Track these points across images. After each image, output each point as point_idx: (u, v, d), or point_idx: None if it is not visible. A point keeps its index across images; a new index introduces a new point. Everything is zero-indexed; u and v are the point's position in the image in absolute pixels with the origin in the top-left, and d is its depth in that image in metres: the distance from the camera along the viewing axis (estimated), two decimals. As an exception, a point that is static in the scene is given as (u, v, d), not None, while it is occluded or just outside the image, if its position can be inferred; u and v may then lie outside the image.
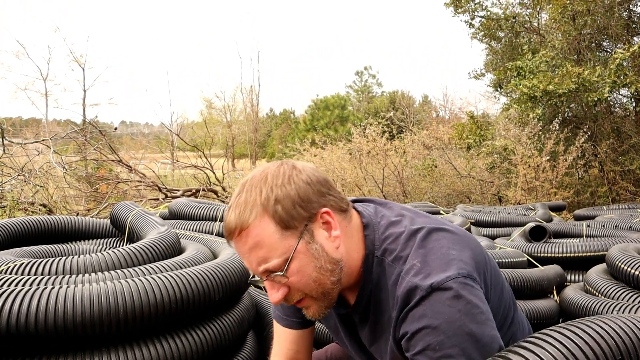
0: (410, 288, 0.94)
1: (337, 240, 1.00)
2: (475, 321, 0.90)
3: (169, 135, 18.53)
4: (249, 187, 0.97)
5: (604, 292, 2.32)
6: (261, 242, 0.94)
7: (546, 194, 8.49)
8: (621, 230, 4.12)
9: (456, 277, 0.92)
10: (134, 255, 2.09)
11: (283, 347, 1.26)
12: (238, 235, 0.96)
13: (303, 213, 0.96)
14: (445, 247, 0.98)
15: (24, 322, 1.47)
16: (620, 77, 8.23)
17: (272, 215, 0.94)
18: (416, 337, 0.92)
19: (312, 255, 0.97)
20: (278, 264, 0.95)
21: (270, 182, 0.96)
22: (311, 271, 0.97)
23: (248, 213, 0.94)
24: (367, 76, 35.82)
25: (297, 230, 0.96)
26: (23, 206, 6.05)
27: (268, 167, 1.00)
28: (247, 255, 0.97)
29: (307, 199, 0.96)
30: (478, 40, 12.55)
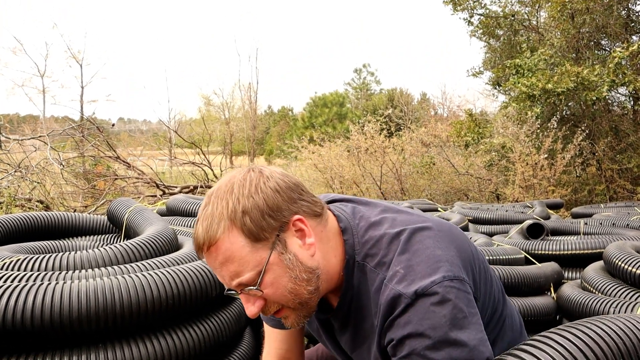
0: (395, 296, 0.91)
1: (312, 247, 0.96)
2: (461, 326, 0.88)
3: (167, 132, 18.50)
4: (215, 199, 0.92)
5: (602, 289, 2.32)
6: (231, 256, 0.91)
7: (544, 192, 8.51)
8: (618, 228, 4.13)
9: (441, 282, 0.90)
10: (131, 251, 2.09)
11: (273, 347, 1.25)
12: (207, 251, 0.92)
13: (273, 223, 0.92)
14: (430, 248, 0.95)
15: (20, 318, 1.46)
16: (618, 76, 8.24)
17: (241, 228, 0.90)
18: (402, 344, 0.90)
19: (285, 266, 0.93)
20: (251, 277, 0.92)
21: (237, 193, 0.91)
22: (286, 282, 0.94)
23: (215, 227, 0.90)
24: (365, 74, 35.82)
25: (268, 242, 0.92)
26: (20, 202, 6.04)
27: (234, 176, 0.95)
28: (219, 270, 0.93)
29: (277, 207, 0.92)
30: (477, 38, 12.55)
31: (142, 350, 1.62)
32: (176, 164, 10.63)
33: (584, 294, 2.39)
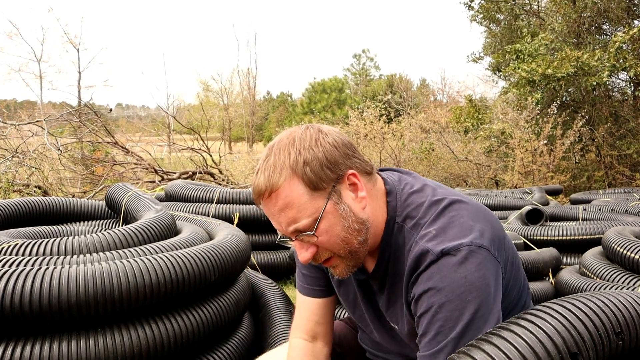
0: (422, 252, 0.97)
1: (364, 201, 1.02)
2: (479, 291, 0.91)
3: (165, 118, 18.41)
4: (277, 151, 0.98)
5: (600, 274, 2.33)
6: (291, 203, 0.97)
7: (543, 178, 8.51)
8: (617, 214, 4.14)
9: (469, 245, 0.94)
10: (129, 236, 2.08)
11: (304, 318, 1.28)
12: (268, 197, 0.98)
13: (330, 174, 0.98)
14: (464, 218, 0.99)
15: (18, 303, 1.46)
16: (619, 61, 8.18)
17: (301, 177, 0.96)
18: (422, 299, 0.95)
19: (340, 215, 0.99)
20: (307, 223, 0.98)
21: (298, 145, 0.98)
22: (339, 231, 1.00)
23: (277, 175, 0.96)
24: (365, 59, 35.58)
25: (325, 191, 0.98)
26: (18, 188, 6.02)
27: (295, 131, 1.02)
28: (277, 216, 0.99)
29: (334, 160, 0.99)
30: (477, 23, 12.44)
31: (140, 335, 1.62)
32: (175, 150, 10.59)
33: (582, 279, 2.40)
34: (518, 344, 0.75)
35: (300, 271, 1.28)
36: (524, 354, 0.73)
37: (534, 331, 0.76)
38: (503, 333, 0.77)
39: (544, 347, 0.74)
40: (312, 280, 1.26)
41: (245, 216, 3.44)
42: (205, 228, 2.65)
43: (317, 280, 1.25)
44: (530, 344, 0.74)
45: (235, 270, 2.10)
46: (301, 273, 1.28)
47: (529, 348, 0.74)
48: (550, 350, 0.74)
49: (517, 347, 0.74)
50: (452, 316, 0.91)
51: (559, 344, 0.74)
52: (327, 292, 1.27)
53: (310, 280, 1.26)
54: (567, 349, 0.74)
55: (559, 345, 0.74)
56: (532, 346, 0.74)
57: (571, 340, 0.75)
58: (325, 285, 1.26)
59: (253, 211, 3.48)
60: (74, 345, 1.52)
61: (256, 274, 2.94)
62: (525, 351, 0.73)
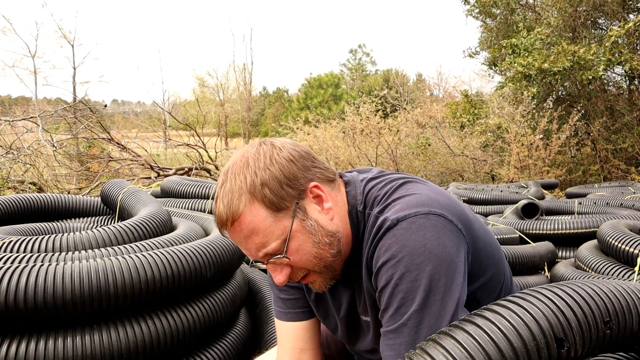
0: (380, 222, 0.94)
1: (331, 212, 0.98)
2: (439, 259, 0.87)
3: (161, 114, 18.35)
4: (231, 175, 0.94)
5: (595, 267, 2.34)
6: (255, 228, 0.93)
7: (539, 172, 8.53)
8: (612, 208, 4.15)
9: (426, 213, 0.91)
10: (124, 232, 2.07)
11: (288, 347, 1.19)
12: (232, 226, 0.94)
13: (292, 192, 0.94)
14: (424, 192, 0.97)
15: (13, 300, 1.46)
16: (615, 55, 8.19)
17: (262, 200, 0.92)
18: (381, 271, 0.92)
19: (308, 232, 0.96)
20: (276, 246, 0.94)
21: (253, 166, 0.94)
22: (310, 247, 0.96)
23: (237, 202, 0.92)
24: (361, 54, 35.52)
25: (289, 210, 0.94)
26: (12, 184, 5.99)
27: (247, 151, 0.97)
28: (244, 244, 0.96)
29: (293, 176, 0.95)
30: (473, 17, 12.42)
31: (136, 331, 1.62)
32: (171, 146, 10.57)
33: (577, 273, 2.41)
34: (503, 325, 0.71)
35: (278, 296, 1.20)
36: (508, 335, 0.70)
37: (519, 313, 0.73)
38: (486, 314, 0.74)
39: (530, 330, 0.71)
40: (292, 303, 1.19)
41: (242, 212, 3.44)
42: (201, 224, 2.65)
43: (298, 302, 1.18)
44: (515, 326, 0.71)
45: (232, 266, 2.10)
46: (279, 298, 1.20)
47: (514, 330, 0.71)
48: (535, 333, 0.71)
49: (501, 329, 0.71)
50: (413, 287, 0.87)
51: (545, 327, 0.71)
52: (311, 312, 1.19)
53: (291, 303, 1.19)
54: (553, 334, 0.72)
55: (544, 329, 0.71)
56: (517, 328, 0.71)
57: (558, 325, 0.72)
58: (308, 306, 1.18)
59: (249, 207, 3.48)
60: (69, 342, 1.52)
61: (252, 270, 2.94)
62: (510, 333, 0.70)
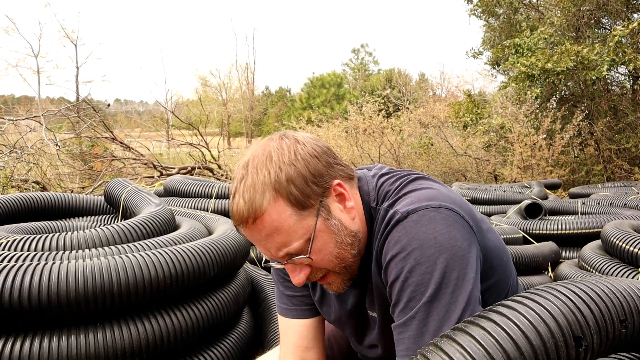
0: (390, 215, 0.91)
1: (353, 211, 0.95)
2: (450, 252, 0.84)
3: (164, 113, 18.38)
4: (253, 169, 0.88)
5: (599, 268, 2.33)
6: (279, 227, 0.88)
7: (542, 172, 8.51)
8: (616, 208, 4.14)
9: (437, 207, 0.88)
10: (128, 231, 2.08)
11: (292, 345, 1.15)
12: (253, 224, 0.88)
13: (317, 189, 0.90)
14: (434, 188, 0.95)
15: (17, 298, 1.46)
16: (618, 55, 8.16)
17: (287, 197, 0.87)
18: (391, 265, 0.89)
19: (331, 231, 0.92)
20: (299, 246, 0.90)
21: (277, 161, 0.88)
22: (332, 247, 0.93)
23: (260, 198, 0.86)
24: (363, 54, 35.48)
25: (313, 208, 0.90)
26: (16, 183, 6.01)
27: (268, 144, 0.92)
28: (264, 242, 0.90)
29: (318, 173, 0.90)
30: (476, 17, 12.39)
31: (140, 330, 1.62)
32: (173, 145, 10.58)
33: (581, 273, 2.40)
34: (520, 322, 0.69)
35: (283, 293, 1.16)
36: (527, 332, 0.67)
37: (536, 310, 0.70)
38: (502, 309, 0.72)
39: (548, 327, 0.68)
40: (298, 300, 1.15)
41: (245, 211, 3.44)
42: (204, 223, 2.65)
43: (305, 299, 1.15)
44: (534, 322, 0.68)
45: (235, 265, 2.10)
46: (284, 295, 1.16)
47: (532, 327, 0.68)
48: (554, 331, 0.68)
49: (519, 325, 0.68)
50: (423, 280, 0.84)
51: (563, 325, 0.69)
52: (316, 309, 1.16)
53: (296, 300, 1.15)
54: (571, 332, 0.69)
55: (563, 326, 0.69)
56: (536, 325, 0.68)
57: (576, 322, 0.70)
58: (313, 303, 1.15)
59: (252, 206, 3.48)
60: (73, 341, 1.52)
61: (255, 269, 2.94)
62: (528, 330, 0.68)
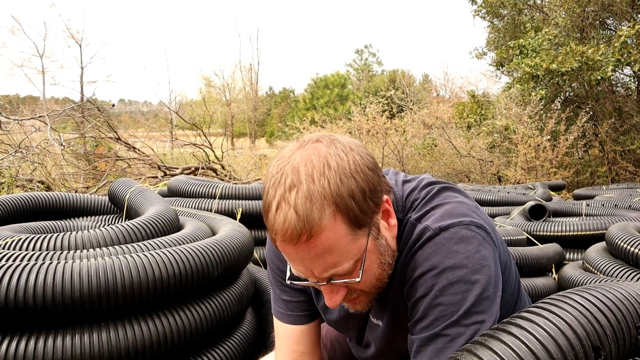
0: (418, 230, 0.87)
1: (394, 229, 0.88)
2: (481, 273, 0.82)
3: (168, 114, 18.43)
4: (308, 176, 0.75)
5: (603, 270, 2.32)
6: (333, 247, 0.78)
7: (546, 174, 8.48)
8: (620, 210, 4.12)
9: (469, 224, 0.86)
10: (132, 231, 2.08)
11: (287, 350, 1.12)
12: (305, 242, 0.76)
13: (372, 206, 0.81)
14: (463, 201, 0.92)
15: (22, 297, 1.47)
16: (624, 56, 8.13)
17: (347, 214, 0.77)
18: (419, 281, 0.84)
19: (378, 251, 0.85)
20: (348, 267, 0.81)
21: (337, 170, 0.76)
22: (375, 269, 0.86)
23: (318, 213, 0.74)
24: (367, 55, 35.49)
25: (367, 227, 0.81)
26: (21, 183, 6.04)
27: (320, 149, 0.79)
28: (309, 262, 0.80)
29: (374, 188, 0.81)
30: (480, 18, 12.37)
31: (144, 330, 1.62)
32: (177, 146, 10.61)
33: (585, 275, 2.39)
34: (540, 335, 0.66)
35: (280, 297, 1.11)
36: (547, 345, 0.65)
37: (555, 321, 0.68)
38: (521, 322, 0.69)
39: (568, 340, 0.66)
40: (295, 306, 1.11)
41: (248, 211, 3.44)
42: (208, 223, 2.65)
43: (302, 305, 1.11)
44: (553, 335, 0.66)
45: (238, 265, 2.10)
46: (281, 299, 1.11)
47: (551, 340, 0.66)
48: (574, 342, 0.66)
49: (539, 338, 0.66)
50: (454, 300, 0.81)
51: (582, 336, 0.66)
52: (313, 315, 1.12)
53: (293, 306, 1.11)
54: (590, 342, 0.66)
55: (582, 337, 0.66)
56: (555, 338, 0.66)
57: (594, 332, 0.67)
58: (310, 309, 1.11)
59: (256, 207, 3.48)
60: (77, 340, 1.53)
61: (259, 270, 2.95)
62: (548, 342, 0.65)
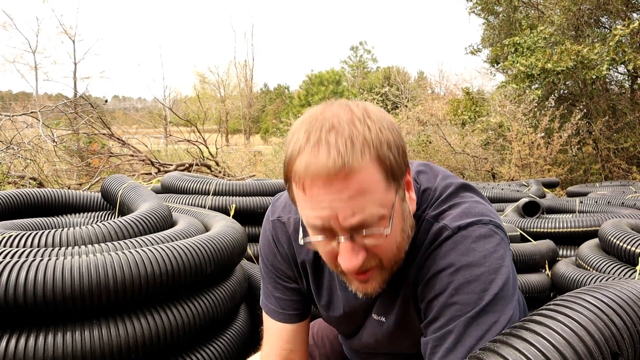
0: (437, 229, 0.86)
1: (414, 203, 0.87)
2: (499, 273, 0.81)
3: (162, 110, 18.35)
4: (346, 122, 0.75)
5: (596, 266, 2.33)
6: (367, 189, 0.75)
7: (540, 171, 8.52)
8: (613, 207, 4.14)
9: (487, 223, 0.85)
10: (125, 227, 2.07)
11: (276, 347, 1.12)
12: (343, 179, 0.73)
13: (403, 166, 0.80)
14: (480, 200, 0.92)
15: (13, 295, 1.45)
16: (618, 54, 8.17)
17: (384, 161, 0.76)
18: (434, 280, 0.84)
19: (402, 215, 0.82)
20: (377, 216, 0.77)
21: (377, 120, 0.77)
22: (397, 234, 0.82)
23: (359, 153, 0.73)
24: (362, 51, 35.48)
25: (397, 183, 0.80)
26: (13, 179, 5.99)
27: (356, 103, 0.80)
28: (340, 204, 0.75)
29: (405, 150, 0.81)
30: (475, 15, 12.39)
31: (136, 327, 1.61)
32: (171, 142, 10.57)
33: (578, 271, 2.40)
34: (556, 340, 0.63)
35: (272, 294, 1.11)
36: (564, 352, 0.61)
37: (571, 326, 0.64)
38: (535, 327, 0.66)
39: (586, 346, 0.62)
40: (287, 305, 1.10)
41: (242, 208, 3.43)
42: (202, 220, 2.64)
43: (294, 304, 1.10)
44: (570, 341, 0.62)
45: (232, 262, 2.09)
46: (273, 296, 1.11)
47: (569, 346, 0.62)
48: (592, 349, 0.62)
49: (555, 345, 0.62)
50: (470, 299, 0.79)
51: (600, 341, 0.62)
52: (303, 314, 1.12)
53: (285, 304, 1.10)
54: (608, 348, 0.63)
55: (600, 343, 0.62)
56: (573, 344, 0.62)
57: (611, 337, 0.64)
58: (301, 308, 1.11)
59: (250, 203, 3.47)
60: (69, 337, 1.52)
61: (252, 266, 2.94)
62: (565, 349, 0.62)
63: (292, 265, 1.07)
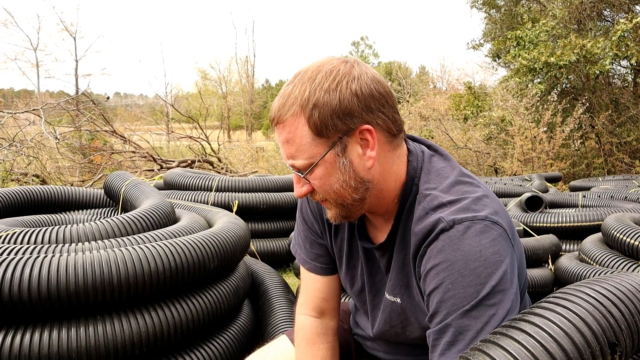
0: (432, 221, 0.91)
1: (371, 160, 0.95)
2: (494, 267, 0.84)
3: (163, 107, 18.35)
4: (297, 82, 0.93)
5: (599, 260, 2.33)
6: (293, 139, 0.93)
7: (542, 165, 8.50)
8: (616, 201, 4.13)
9: (484, 219, 0.88)
10: (128, 224, 2.07)
11: (310, 295, 1.23)
12: (275, 125, 0.96)
13: (340, 125, 0.92)
14: (482, 194, 0.94)
15: (17, 291, 1.46)
16: (621, 49, 8.13)
17: (307, 119, 0.91)
18: (431, 274, 0.88)
19: (337, 168, 0.95)
20: (302, 164, 0.95)
21: (317, 84, 0.91)
22: (333, 182, 0.96)
23: (287, 108, 0.93)
24: (363, 46, 35.39)
25: (329, 140, 0.93)
26: (16, 176, 6.00)
27: (325, 64, 0.94)
28: (281, 145, 0.97)
29: (349, 112, 0.91)
30: (477, 9, 12.34)
31: (140, 323, 1.62)
32: (173, 139, 10.56)
33: (581, 266, 2.40)
34: (554, 332, 0.63)
35: (303, 244, 1.23)
36: (562, 343, 0.62)
37: (569, 317, 0.65)
38: (534, 319, 0.67)
39: (583, 336, 0.63)
40: (314, 256, 1.21)
41: (245, 204, 3.43)
42: (204, 216, 2.65)
43: (319, 258, 1.21)
44: (568, 332, 0.63)
45: (235, 258, 2.09)
46: (304, 246, 1.23)
47: (567, 337, 0.63)
48: (590, 340, 0.63)
49: (554, 336, 0.63)
50: (466, 293, 0.83)
51: (598, 332, 0.63)
52: (331, 270, 1.21)
53: (313, 255, 1.21)
54: (606, 339, 0.63)
55: (598, 334, 0.63)
56: (571, 335, 0.63)
57: (609, 328, 0.64)
58: (328, 263, 1.21)
59: (252, 199, 3.47)
60: (72, 333, 1.52)
61: (255, 262, 2.94)
62: (564, 340, 0.62)
63: (318, 221, 1.18)
